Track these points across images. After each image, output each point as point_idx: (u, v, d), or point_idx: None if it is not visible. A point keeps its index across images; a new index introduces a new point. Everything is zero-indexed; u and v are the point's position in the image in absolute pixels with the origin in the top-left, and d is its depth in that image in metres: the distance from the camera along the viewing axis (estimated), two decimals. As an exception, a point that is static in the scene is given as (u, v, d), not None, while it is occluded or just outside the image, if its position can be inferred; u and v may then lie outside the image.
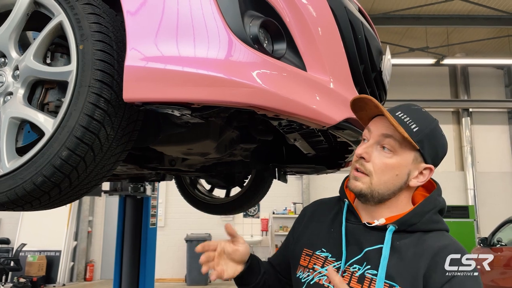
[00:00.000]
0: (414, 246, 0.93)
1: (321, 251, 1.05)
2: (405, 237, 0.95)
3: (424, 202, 1.00)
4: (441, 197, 1.03)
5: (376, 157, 0.98)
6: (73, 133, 0.96)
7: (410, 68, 10.54)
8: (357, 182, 0.99)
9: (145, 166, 1.94)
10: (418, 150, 0.96)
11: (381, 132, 0.98)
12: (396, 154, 0.96)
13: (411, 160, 0.97)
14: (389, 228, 0.95)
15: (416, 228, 0.96)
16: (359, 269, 0.95)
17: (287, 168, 2.27)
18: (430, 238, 0.95)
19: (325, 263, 1.02)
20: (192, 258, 8.72)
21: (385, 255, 0.92)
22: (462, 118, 10.60)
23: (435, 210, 0.99)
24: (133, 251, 3.60)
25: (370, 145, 0.99)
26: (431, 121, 0.99)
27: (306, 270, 1.05)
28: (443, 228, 0.99)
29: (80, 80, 0.99)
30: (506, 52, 10.10)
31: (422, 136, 0.95)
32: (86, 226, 9.49)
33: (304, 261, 1.07)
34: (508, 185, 10.44)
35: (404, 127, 0.94)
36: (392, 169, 0.97)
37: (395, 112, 0.98)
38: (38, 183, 0.97)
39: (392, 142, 0.96)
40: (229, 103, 0.97)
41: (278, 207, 9.70)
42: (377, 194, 0.98)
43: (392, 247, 0.94)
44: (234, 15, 0.99)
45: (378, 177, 0.97)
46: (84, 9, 1.04)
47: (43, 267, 8.52)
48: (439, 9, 8.61)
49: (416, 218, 0.97)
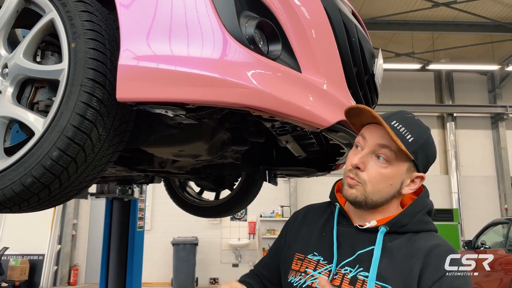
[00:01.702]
0: (405, 247, 0.94)
1: (313, 254, 1.04)
2: (396, 238, 0.96)
3: (413, 204, 1.01)
4: (429, 199, 1.05)
5: (371, 167, 0.98)
6: (64, 133, 0.94)
7: (397, 73, 10.68)
8: (352, 190, 0.99)
9: (134, 168, 1.92)
10: (412, 160, 0.97)
11: (377, 142, 0.98)
12: (391, 164, 0.97)
13: (405, 169, 0.98)
14: (381, 229, 0.96)
15: (407, 229, 0.97)
16: (350, 271, 0.95)
17: (278, 171, 2.26)
18: (421, 238, 0.96)
19: (317, 266, 1.01)
20: (179, 262, 8.65)
21: (376, 256, 0.93)
22: (447, 123, 10.77)
23: (424, 211, 1.01)
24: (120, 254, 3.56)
25: (365, 155, 0.99)
26: (425, 131, 0.99)
27: (298, 274, 1.04)
28: (432, 228, 1.00)
29: (72, 79, 0.97)
30: (490, 58, 10.31)
31: (417, 147, 0.96)
32: (70, 230, 9.33)
33: (296, 265, 1.06)
34: (491, 189, 10.63)
35: (400, 138, 0.94)
36: (387, 179, 0.97)
37: (390, 121, 0.97)
38: (27, 184, 0.95)
39: (388, 153, 0.96)
40: (224, 103, 0.96)
41: (266, 210, 9.69)
42: (371, 201, 0.98)
43: (384, 248, 0.94)
44: (230, 15, 0.99)
45: (373, 186, 0.97)
46: (77, 6, 1.01)
47: (26, 271, 8.35)
48: (425, 15, 8.75)
49: (407, 219, 0.98)
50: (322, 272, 0.99)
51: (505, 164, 10.54)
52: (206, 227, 9.50)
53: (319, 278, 0.96)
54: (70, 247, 9.31)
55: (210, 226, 9.60)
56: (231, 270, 9.54)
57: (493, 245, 6.74)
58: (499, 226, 6.89)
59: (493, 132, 10.91)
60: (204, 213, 2.96)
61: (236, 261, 9.60)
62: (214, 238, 9.59)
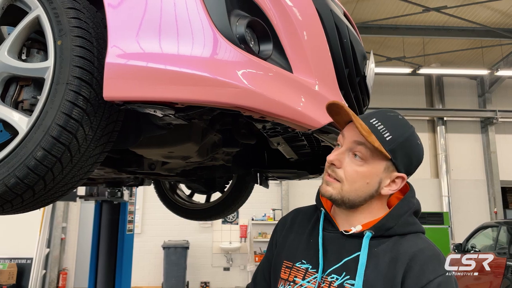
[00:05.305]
0: (391, 251, 0.92)
1: (301, 262, 1.02)
2: (383, 242, 0.94)
3: (398, 205, 0.99)
4: (415, 198, 1.02)
5: (347, 164, 0.96)
6: (49, 133, 0.91)
7: (387, 77, 10.75)
8: (328, 187, 0.98)
9: (123, 170, 1.89)
10: (390, 159, 0.94)
11: (353, 139, 0.96)
12: (367, 162, 0.95)
13: (382, 168, 0.95)
14: (366, 234, 0.94)
15: (393, 232, 0.95)
16: (337, 279, 0.93)
17: (269, 173, 2.24)
18: (406, 241, 0.94)
19: (306, 275, 0.99)
20: (169, 265, 8.57)
21: (362, 262, 0.91)
22: (437, 127, 10.85)
23: (410, 212, 0.98)
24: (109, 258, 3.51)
25: (342, 152, 0.98)
26: (406, 129, 0.96)
27: (287, 283, 1.02)
28: (419, 230, 0.98)
29: (57, 77, 0.94)
30: (480, 63, 10.44)
31: (395, 145, 0.93)
32: (59, 233, 9.20)
33: (284, 274, 1.04)
34: (481, 192, 10.73)
35: (377, 135, 0.92)
36: (363, 178, 0.95)
37: (369, 119, 0.96)
38: (10, 185, 0.92)
39: (363, 150, 0.95)
40: (214, 103, 0.94)
41: (257, 213, 9.66)
42: (347, 200, 0.97)
43: (370, 254, 0.92)
44: (220, 14, 0.97)
45: (349, 184, 0.96)
46: (63, 3, 0.99)
47: (14, 275, 8.21)
48: (415, 20, 8.83)
49: (392, 222, 0.95)
50: (310, 281, 0.97)
51: (495, 168, 10.64)
52: (197, 230, 9.43)
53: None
54: (59, 250, 9.18)
55: (201, 229, 9.54)
56: (222, 273, 9.49)
57: (483, 248, 6.79)
58: (489, 229, 6.94)
59: (483, 136, 11.02)
60: (195, 216, 2.94)
61: (228, 264, 9.54)
62: (205, 241, 9.53)
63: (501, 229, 6.45)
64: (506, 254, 5.85)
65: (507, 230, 6.25)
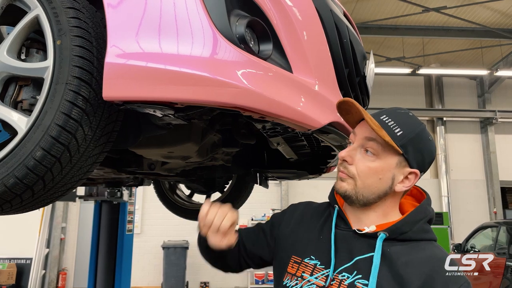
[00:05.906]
0: (404, 255, 0.92)
1: (310, 258, 1.02)
2: (395, 245, 0.94)
3: (415, 211, 0.99)
4: (431, 207, 1.02)
5: (359, 160, 0.97)
6: (48, 132, 0.91)
7: (387, 77, 10.75)
8: (343, 183, 0.99)
9: (123, 170, 1.88)
10: (402, 154, 0.95)
11: (364, 135, 0.97)
12: (379, 157, 0.95)
13: (394, 164, 0.96)
14: (380, 235, 0.94)
15: (407, 237, 0.95)
16: (348, 277, 0.93)
17: (269, 173, 2.24)
18: (423, 249, 0.94)
19: (314, 271, 0.99)
20: (169, 266, 8.57)
21: (376, 264, 0.91)
22: (437, 127, 10.86)
23: (425, 220, 0.98)
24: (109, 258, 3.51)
25: (353, 148, 0.99)
26: (417, 125, 0.97)
27: (294, 278, 1.02)
28: (432, 238, 0.98)
29: (57, 77, 0.94)
30: (479, 63, 10.44)
31: (406, 140, 0.94)
32: (59, 233, 9.19)
33: (292, 269, 1.04)
34: (480, 193, 10.73)
35: (387, 130, 0.93)
36: (375, 173, 0.96)
37: (379, 116, 0.97)
38: (9, 185, 0.91)
39: (375, 146, 0.95)
40: (213, 103, 0.94)
41: (257, 213, 9.65)
42: (361, 197, 0.97)
43: (382, 255, 0.92)
44: (220, 13, 0.97)
45: (362, 180, 0.96)
46: (62, 3, 0.99)
47: (13, 275, 8.19)
48: (415, 20, 8.83)
49: (407, 227, 0.95)
50: (318, 277, 0.97)
51: (494, 168, 10.65)
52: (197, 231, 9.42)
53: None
54: (58, 250, 9.17)
55: (201, 229, 9.53)
56: (222, 274, 9.40)
57: (482, 248, 6.80)
58: (488, 230, 6.95)
59: (483, 137, 11.03)
60: (194, 216, 2.92)
61: (227, 264, 9.54)
62: (205, 241, 9.52)
63: (501, 229, 6.45)
64: (506, 254, 5.85)
65: (507, 230, 6.25)
